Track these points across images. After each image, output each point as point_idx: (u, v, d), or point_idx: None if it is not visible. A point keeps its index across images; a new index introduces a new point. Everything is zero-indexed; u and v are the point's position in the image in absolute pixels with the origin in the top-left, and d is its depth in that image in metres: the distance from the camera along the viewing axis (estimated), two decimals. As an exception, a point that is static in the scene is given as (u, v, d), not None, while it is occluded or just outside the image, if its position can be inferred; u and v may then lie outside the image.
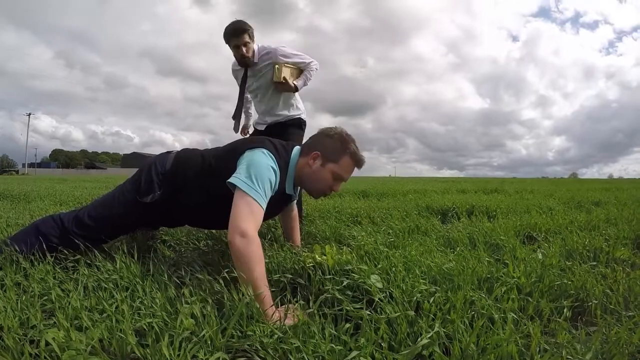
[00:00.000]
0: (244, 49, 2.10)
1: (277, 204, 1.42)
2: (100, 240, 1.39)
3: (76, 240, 1.32)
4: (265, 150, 1.30)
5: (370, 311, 0.96)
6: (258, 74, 2.21)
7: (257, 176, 1.20)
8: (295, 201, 1.72)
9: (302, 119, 2.36)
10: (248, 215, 1.13)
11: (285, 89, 2.20)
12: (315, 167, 1.38)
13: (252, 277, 1.03)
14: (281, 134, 2.15)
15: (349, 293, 1.10)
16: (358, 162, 1.41)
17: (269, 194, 1.23)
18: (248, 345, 0.83)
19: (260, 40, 2.20)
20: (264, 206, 1.19)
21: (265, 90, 2.23)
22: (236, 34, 2.07)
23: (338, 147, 1.38)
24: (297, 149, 1.44)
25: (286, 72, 2.15)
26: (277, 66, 2.11)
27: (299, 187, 1.55)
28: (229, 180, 1.21)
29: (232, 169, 1.26)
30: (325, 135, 1.41)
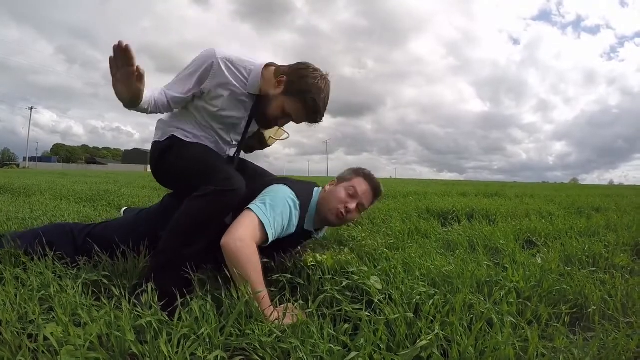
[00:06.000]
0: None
1: (297, 239, 1.43)
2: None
3: (83, 257, 1.29)
4: (284, 187, 1.30)
5: (369, 312, 0.96)
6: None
7: (272, 205, 1.18)
8: None
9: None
10: (250, 227, 1.11)
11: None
12: (330, 188, 1.43)
13: (247, 280, 1.01)
14: None
15: (348, 294, 1.11)
16: (372, 183, 1.41)
17: (279, 227, 1.20)
18: (246, 344, 0.83)
19: (260, 41, 1.46)
20: (270, 235, 1.15)
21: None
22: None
23: (352, 171, 1.47)
24: (317, 189, 1.45)
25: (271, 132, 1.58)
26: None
27: (325, 228, 1.57)
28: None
29: None
30: (345, 169, 1.50)
